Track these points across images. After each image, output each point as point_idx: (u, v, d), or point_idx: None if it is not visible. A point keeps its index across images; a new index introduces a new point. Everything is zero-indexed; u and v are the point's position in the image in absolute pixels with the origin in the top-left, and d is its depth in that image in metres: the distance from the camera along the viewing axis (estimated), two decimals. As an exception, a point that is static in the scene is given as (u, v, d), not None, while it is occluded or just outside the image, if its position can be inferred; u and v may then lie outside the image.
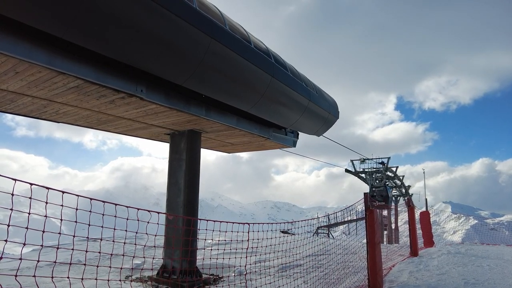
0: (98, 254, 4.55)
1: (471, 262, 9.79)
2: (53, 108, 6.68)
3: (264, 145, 10.41)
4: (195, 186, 8.41)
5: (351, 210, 8.73)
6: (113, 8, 4.54)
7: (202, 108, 7.36)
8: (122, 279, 7.42)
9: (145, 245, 5.23)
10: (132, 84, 5.90)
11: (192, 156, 8.44)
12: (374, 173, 41.74)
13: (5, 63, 4.70)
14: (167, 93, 6.58)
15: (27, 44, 4.49)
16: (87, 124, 7.99)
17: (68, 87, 5.58)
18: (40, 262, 3.03)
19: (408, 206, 13.27)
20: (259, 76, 7.33)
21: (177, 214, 8.05)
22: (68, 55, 4.95)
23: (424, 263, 9.99)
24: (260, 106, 7.86)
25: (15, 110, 6.83)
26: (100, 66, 5.38)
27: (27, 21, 4.16)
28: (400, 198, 46.64)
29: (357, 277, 8.03)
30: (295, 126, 10.08)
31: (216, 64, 6.32)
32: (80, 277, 3.29)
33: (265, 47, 8.03)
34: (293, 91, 8.58)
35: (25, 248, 2.71)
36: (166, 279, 7.57)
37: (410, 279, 8.26)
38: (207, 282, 7.77)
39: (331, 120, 11.19)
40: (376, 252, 7.13)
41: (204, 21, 5.83)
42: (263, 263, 8.88)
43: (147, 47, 5.25)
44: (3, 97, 6.10)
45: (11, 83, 5.44)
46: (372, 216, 7.27)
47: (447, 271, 8.75)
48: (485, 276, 8.12)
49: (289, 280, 7.27)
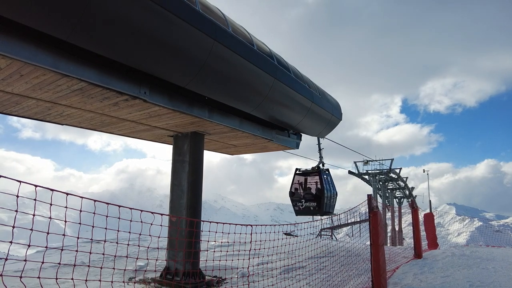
0: (101, 256, 4.57)
1: (476, 264, 9.71)
2: (57, 110, 6.73)
3: (267, 147, 10.41)
4: (198, 188, 8.42)
5: (354, 212, 8.70)
6: (117, 11, 4.58)
7: (205, 110, 7.38)
8: (125, 281, 7.43)
9: (149, 246, 5.24)
10: (136, 86, 5.93)
11: (195, 158, 8.45)
12: (377, 175, 41.57)
13: (10, 66, 4.75)
14: (170, 95, 6.61)
15: (32, 47, 4.53)
16: (91, 126, 8.03)
17: (72, 90, 5.62)
18: (44, 263, 3.04)
19: (412, 208, 13.21)
20: (262, 78, 7.34)
21: (180, 216, 8.06)
22: (73, 58, 5.00)
23: (428, 265, 9.92)
24: (263, 108, 7.87)
25: (20, 112, 6.89)
26: (104, 68, 5.41)
27: (32, 24, 4.20)
28: (404, 200, 46.42)
29: (361, 279, 7.99)
30: (298, 128, 10.08)
31: (219, 66, 6.34)
32: (84, 279, 3.30)
33: (268, 49, 8.04)
34: (296, 93, 8.58)
35: (30, 249, 2.73)
36: (169, 281, 7.57)
37: (414, 281, 8.20)
38: (210, 284, 7.76)
39: (334, 122, 11.18)
40: (380, 254, 7.10)
41: (207, 24, 5.85)
42: (266, 265, 8.86)
43: (150, 49, 5.27)
44: (8, 100, 6.16)
45: (16, 86, 5.49)
46: (375, 218, 7.24)
47: (451, 274, 8.68)
48: (490, 278, 8.05)
49: (292, 282, 7.25)
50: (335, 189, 12.21)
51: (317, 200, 11.42)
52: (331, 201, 11.71)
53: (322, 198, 11.22)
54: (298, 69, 9.48)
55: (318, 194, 11.50)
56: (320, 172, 11.68)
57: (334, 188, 12.10)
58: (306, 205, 11.69)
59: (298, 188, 12.26)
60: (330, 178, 12.08)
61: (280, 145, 10.31)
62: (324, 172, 11.88)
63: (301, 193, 12.04)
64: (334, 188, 12.08)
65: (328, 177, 12.02)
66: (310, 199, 11.68)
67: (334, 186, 12.14)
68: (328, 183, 11.71)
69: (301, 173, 12.25)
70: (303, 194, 11.93)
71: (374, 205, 7.43)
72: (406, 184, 44.14)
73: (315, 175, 11.91)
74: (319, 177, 11.63)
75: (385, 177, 41.79)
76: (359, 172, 42.09)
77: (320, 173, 11.68)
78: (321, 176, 11.53)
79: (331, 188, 11.86)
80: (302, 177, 12.28)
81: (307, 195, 11.80)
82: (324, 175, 11.78)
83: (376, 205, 7.61)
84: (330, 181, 11.91)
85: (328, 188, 11.58)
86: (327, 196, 11.42)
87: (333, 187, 12.04)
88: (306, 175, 12.15)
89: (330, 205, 11.63)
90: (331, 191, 11.70)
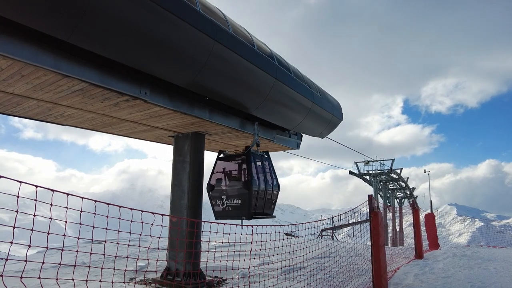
0: (102, 256, 4.57)
1: (477, 265, 9.69)
2: (58, 111, 6.73)
3: (268, 147, 10.41)
4: (199, 188, 8.42)
5: (355, 212, 8.69)
6: (118, 12, 4.58)
7: (205, 110, 7.39)
8: (126, 281, 7.43)
9: (149, 247, 5.25)
10: (136, 87, 5.94)
11: (196, 158, 8.45)
12: (378, 175, 41.58)
13: (11, 66, 4.75)
14: (171, 96, 6.61)
15: (33, 47, 4.54)
16: (91, 127, 8.04)
17: (73, 90, 5.63)
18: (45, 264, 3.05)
19: (412, 208, 13.20)
20: (263, 78, 7.34)
21: (181, 216, 8.06)
22: (73, 58, 5.00)
23: (429, 265, 9.91)
24: (263, 108, 7.86)
25: (21, 113, 6.90)
26: (105, 69, 5.42)
27: (33, 25, 4.20)
28: (405, 200, 46.40)
29: (362, 280, 7.98)
30: (299, 128, 10.07)
31: (220, 66, 6.34)
32: (85, 279, 3.30)
33: (269, 49, 8.04)
34: (296, 93, 8.58)
35: (30, 250, 2.73)
36: (170, 281, 7.57)
37: (415, 282, 8.19)
38: (210, 284, 7.76)
39: (334, 122, 11.18)
40: (381, 255, 7.09)
41: (207, 24, 5.85)
42: (267, 266, 8.86)
43: (151, 50, 5.28)
44: (9, 100, 6.17)
45: (17, 86, 5.49)
46: (376, 219, 7.23)
47: (452, 274, 8.67)
48: (491, 279, 8.03)
49: (293, 282, 7.24)
50: (277, 181, 8.56)
51: (242, 197, 7.70)
52: (267, 199, 8.03)
53: (249, 194, 7.52)
54: (299, 69, 9.48)
55: (244, 188, 7.71)
56: (250, 156, 7.91)
57: (274, 180, 8.46)
58: (229, 204, 7.87)
59: (223, 179, 8.38)
60: (271, 166, 8.53)
61: (281, 146, 10.31)
62: (257, 156, 8.23)
63: (224, 186, 8.22)
64: (274, 180, 8.43)
65: (267, 163, 8.43)
66: (234, 195, 7.89)
67: (275, 178, 8.51)
68: (263, 173, 8.12)
69: (226, 157, 8.51)
70: (225, 188, 8.16)
71: (375, 206, 7.43)
72: (407, 185, 44.13)
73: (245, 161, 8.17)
74: (247, 162, 7.93)
75: (386, 177, 41.81)
76: (360, 173, 42.10)
77: (248, 156, 7.92)
78: (250, 161, 7.84)
79: (271, 179, 8.32)
80: (230, 164, 8.44)
81: (231, 190, 8.02)
82: (258, 160, 8.16)
83: (377, 206, 7.61)
84: (269, 171, 8.37)
85: (263, 179, 7.98)
86: (259, 190, 7.79)
87: (273, 179, 8.44)
88: (232, 161, 8.43)
89: (265, 204, 7.99)
90: (267, 184, 8.05)
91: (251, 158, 7.97)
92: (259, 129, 8.57)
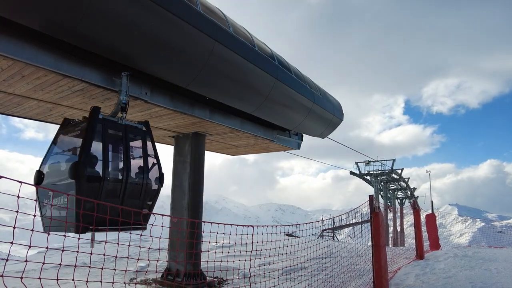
0: (102, 257, 4.56)
1: (478, 265, 9.66)
2: (58, 111, 6.74)
3: (268, 147, 10.40)
4: (200, 189, 8.42)
5: (356, 212, 8.68)
6: (119, 12, 4.58)
7: (206, 110, 7.38)
8: (126, 282, 7.43)
9: (150, 247, 5.24)
10: (137, 87, 5.93)
11: (196, 159, 8.45)
12: (379, 175, 41.54)
13: (11, 66, 4.76)
14: (172, 96, 6.61)
15: (33, 48, 4.54)
16: (92, 127, 8.03)
17: (73, 90, 5.63)
18: (45, 264, 3.04)
19: (413, 208, 13.18)
20: (263, 78, 7.34)
21: (181, 217, 8.06)
22: (74, 58, 5.00)
23: (430, 266, 9.88)
24: (264, 108, 7.86)
25: (21, 113, 6.90)
26: (105, 69, 5.42)
27: (33, 25, 4.21)
28: (406, 200, 46.35)
29: (363, 280, 7.97)
30: (299, 128, 10.06)
31: (220, 66, 6.34)
32: (85, 280, 3.30)
33: (269, 49, 8.04)
34: (297, 93, 8.57)
35: (31, 250, 2.73)
36: (170, 282, 7.57)
37: (416, 282, 8.17)
38: (211, 285, 7.76)
39: (335, 122, 11.17)
40: (382, 255, 7.07)
41: (208, 24, 5.85)
42: (268, 266, 8.84)
43: (151, 50, 5.27)
44: (9, 101, 6.17)
45: (17, 87, 5.50)
46: (377, 219, 7.22)
47: (453, 275, 8.64)
48: (493, 279, 8.01)
49: (293, 283, 7.23)
50: (160, 170, 5.61)
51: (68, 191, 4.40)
52: (133, 197, 5.16)
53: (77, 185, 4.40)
54: (300, 69, 9.47)
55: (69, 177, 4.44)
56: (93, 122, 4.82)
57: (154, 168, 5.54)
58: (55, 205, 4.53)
59: (60, 163, 5.08)
60: (149, 146, 5.53)
61: (281, 146, 10.30)
62: (121, 127, 5.20)
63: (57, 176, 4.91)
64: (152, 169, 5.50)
65: (141, 141, 5.46)
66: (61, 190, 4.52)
67: (156, 164, 5.58)
68: (126, 154, 5.12)
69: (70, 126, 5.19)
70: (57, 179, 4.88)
71: (376, 206, 7.41)
72: (408, 185, 44.09)
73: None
74: (86, 131, 4.75)
75: (386, 177, 41.76)
76: (361, 173, 42.07)
77: (91, 124, 4.80)
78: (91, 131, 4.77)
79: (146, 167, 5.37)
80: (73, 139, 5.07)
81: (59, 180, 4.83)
82: (120, 133, 5.20)
83: (378, 206, 7.59)
84: (143, 153, 5.41)
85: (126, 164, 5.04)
86: (111, 181, 4.92)
87: (149, 166, 5.42)
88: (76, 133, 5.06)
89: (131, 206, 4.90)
90: (135, 174, 5.20)
91: (94, 126, 4.78)
92: (129, 83, 5.43)
